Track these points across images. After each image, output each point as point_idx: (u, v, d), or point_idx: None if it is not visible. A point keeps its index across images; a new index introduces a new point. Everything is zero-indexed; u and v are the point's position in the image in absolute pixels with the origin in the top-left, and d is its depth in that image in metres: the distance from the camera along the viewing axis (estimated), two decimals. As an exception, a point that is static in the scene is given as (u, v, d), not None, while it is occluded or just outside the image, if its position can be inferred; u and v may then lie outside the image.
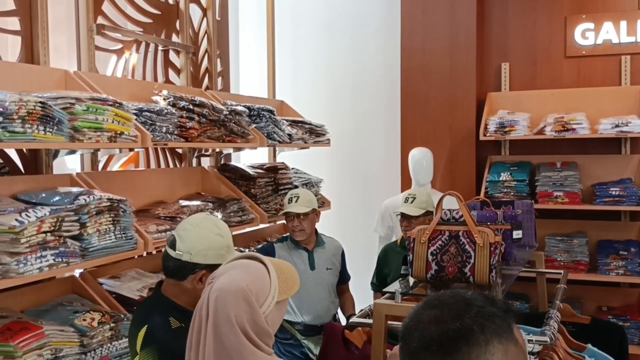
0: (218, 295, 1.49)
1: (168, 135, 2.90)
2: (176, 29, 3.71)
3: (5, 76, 2.41)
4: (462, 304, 1.03)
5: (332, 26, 5.33)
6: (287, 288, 1.59)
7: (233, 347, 1.44)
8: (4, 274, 2.04)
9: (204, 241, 1.96)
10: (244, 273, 1.55)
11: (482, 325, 0.99)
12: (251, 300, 1.48)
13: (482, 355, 0.98)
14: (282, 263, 1.68)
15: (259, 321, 1.48)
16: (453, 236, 2.17)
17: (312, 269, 3.31)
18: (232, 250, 2.03)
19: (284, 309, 1.62)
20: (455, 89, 4.68)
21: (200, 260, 1.94)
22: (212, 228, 1.99)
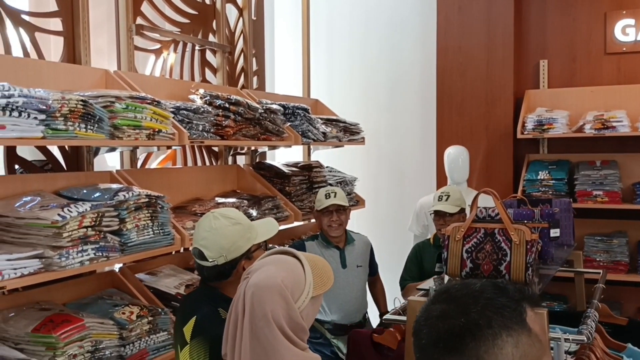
0: (254, 290, 1.50)
1: (204, 133, 2.94)
2: (213, 29, 3.76)
3: (49, 75, 2.48)
4: (469, 297, 1.01)
5: (368, 24, 5.32)
6: (322, 283, 1.60)
7: (269, 343, 1.46)
8: (47, 267, 2.10)
9: (227, 238, 1.97)
10: (279, 268, 1.57)
11: (489, 318, 0.97)
12: (287, 295, 1.49)
13: (490, 350, 0.95)
14: (315, 258, 1.68)
15: (294, 316, 1.49)
16: (489, 234, 2.15)
17: (343, 267, 3.32)
18: (252, 226, 2.05)
19: (318, 304, 1.63)
20: (492, 87, 4.62)
21: (235, 255, 1.98)
22: (226, 223, 2.00)
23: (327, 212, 3.30)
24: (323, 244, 3.36)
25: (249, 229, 2.03)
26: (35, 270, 2.06)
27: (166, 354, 2.58)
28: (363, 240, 3.53)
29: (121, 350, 2.39)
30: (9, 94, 1.90)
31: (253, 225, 2.08)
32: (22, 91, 1.95)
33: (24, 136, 1.96)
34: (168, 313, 2.65)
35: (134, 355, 2.44)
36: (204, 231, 2.00)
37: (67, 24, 2.69)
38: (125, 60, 2.98)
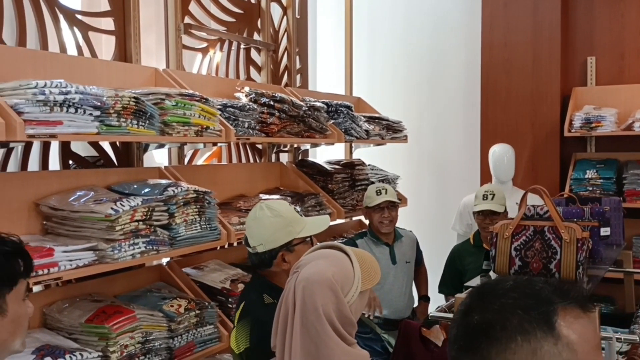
0: (305, 285, 1.51)
1: (250, 130, 2.98)
2: (257, 28, 3.81)
3: (102, 73, 2.55)
4: (494, 294, 0.93)
5: (410, 21, 5.29)
6: (370, 278, 1.59)
7: (319, 337, 1.46)
8: (100, 259, 2.16)
9: (267, 229, 2.05)
10: (329, 263, 1.57)
11: (504, 319, 0.88)
12: (337, 290, 1.49)
13: (502, 353, 0.87)
14: (363, 253, 1.68)
15: (344, 311, 1.49)
16: (538, 231, 2.12)
17: (393, 263, 3.35)
18: (298, 221, 2.09)
19: (366, 299, 1.62)
20: (539, 84, 4.54)
21: (274, 246, 2.05)
22: (268, 214, 2.07)
23: (378, 208, 3.32)
24: (373, 240, 3.38)
25: (291, 223, 2.08)
26: (90, 262, 2.13)
27: (213, 346, 2.63)
28: (409, 236, 3.55)
29: (170, 342, 2.45)
30: (66, 90, 1.96)
31: (299, 220, 2.11)
32: (79, 88, 2.01)
33: (80, 132, 2.02)
34: (214, 307, 2.69)
35: (181, 347, 2.49)
36: (250, 219, 2.12)
37: (118, 24, 2.76)
38: (173, 59, 3.04)
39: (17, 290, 1.21)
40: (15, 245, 1.22)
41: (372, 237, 3.38)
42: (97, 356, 2.14)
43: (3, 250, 1.19)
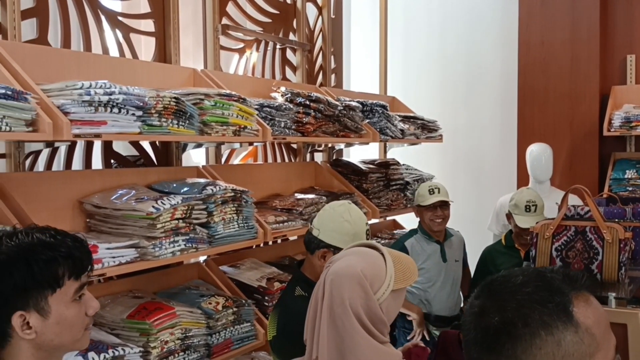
0: (333, 278, 1.52)
1: (286, 130, 3.00)
2: (293, 28, 3.83)
3: (142, 74, 2.60)
4: (508, 292, 0.93)
5: (446, 19, 5.25)
6: (404, 278, 1.58)
7: (345, 330, 1.46)
8: (142, 256, 2.21)
9: (332, 223, 2.13)
10: (360, 259, 1.57)
11: (525, 316, 0.89)
12: (365, 285, 1.49)
13: (528, 350, 0.88)
14: (398, 253, 1.68)
15: (373, 307, 1.48)
16: (579, 232, 2.09)
17: (444, 261, 3.36)
18: (358, 239, 2.08)
19: (401, 299, 1.61)
20: (577, 83, 4.46)
21: (325, 239, 2.12)
22: (344, 214, 2.14)
23: (431, 207, 3.31)
24: (424, 238, 3.37)
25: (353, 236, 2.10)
26: (132, 259, 2.17)
27: (250, 344, 2.65)
28: (458, 236, 3.55)
29: (208, 339, 2.48)
30: (110, 91, 2.00)
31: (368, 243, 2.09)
32: (122, 88, 2.05)
33: (123, 132, 2.06)
34: (251, 305, 2.71)
35: (219, 344, 2.52)
36: (328, 206, 2.22)
37: (158, 25, 2.81)
38: (211, 59, 3.07)
39: (63, 292, 1.22)
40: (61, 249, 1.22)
41: (424, 234, 3.38)
42: (138, 351, 2.17)
43: (45, 254, 1.20)
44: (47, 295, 1.21)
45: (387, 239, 4.13)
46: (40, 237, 1.22)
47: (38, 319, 1.21)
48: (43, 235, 1.23)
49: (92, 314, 1.29)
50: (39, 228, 1.27)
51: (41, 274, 1.19)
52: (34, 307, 1.21)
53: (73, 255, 1.23)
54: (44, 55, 2.23)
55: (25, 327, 1.21)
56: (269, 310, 2.82)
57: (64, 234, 1.27)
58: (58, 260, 1.21)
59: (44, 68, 2.19)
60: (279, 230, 2.90)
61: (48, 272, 1.20)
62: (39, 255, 1.20)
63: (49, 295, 1.21)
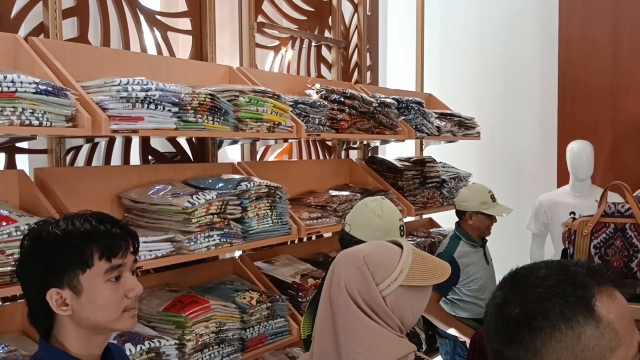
0: (337, 260, 1.50)
1: (320, 126, 3.00)
2: (328, 25, 3.83)
3: (179, 71, 2.64)
4: (530, 284, 0.93)
5: (484, 14, 5.17)
6: (421, 277, 1.48)
7: (340, 310, 1.42)
8: (177, 250, 2.24)
9: (363, 218, 2.15)
10: (370, 247, 1.53)
11: (545, 309, 0.90)
12: (365, 271, 1.43)
13: (547, 343, 0.89)
14: (430, 256, 1.60)
15: (374, 295, 1.42)
16: (619, 229, 2.04)
17: (487, 264, 3.37)
18: (391, 235, 2.07)
19: (419, 299, 1.50)
20: (619, 79, 4.34)
21: (356, 234, 2.13)
22: (376, 209, 2.15)
23: (491, 216, 3.33)
24: (469, 244, 3.33)
25: (384, 231, 2.10)
26: (168, 252, 2.21)
27: (283, 339, 2.67)
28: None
29: (242, 333, 2.50)
30: (147, 87, 2.04)
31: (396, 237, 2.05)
32: (158, 85, 2.09)
33: (159, 127, 2.10)
34: (285, 300, 2.73)
35: (253, 339, 2.54)
36: (362, 201, 2.24)
37: (195, 24, 2.85)
38: (247, 57, 3.10)
39: (95, 273, 1.28)
40: (94, 234, 1.28)
41: (468, 240, 3.33)
42: (174, 344, 2.21)
43: (77, 239, 1.27)
44: (79, 274, 1.27)
45: (423, 237, 4.10)
46: (76, 222, 1.29)
47: (72, 296, 1.28)
48: (80, 221, 1.29)
49: (132, 296, 1.32)
50: (81, 215, 1.32)
51: (69, 254, 1.26)
52: (67, 285, 1.27)
53: (103, 238, 1.28)
54: (84, 53, 2.29)
55: (62, 304, 1.28)
56: (302, 306, 2.83)
57: (104, 220, 1.31)
58: (87, 242, 1.27)
59: (84, 66, 2.25)
60: (313, 226, 2.91)
61: (76, 253, 1.26)
62: (70, 239, 1.27)
63: (80, 274, 1.27)
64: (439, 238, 4.14)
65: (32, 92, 1.75)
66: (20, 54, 2.03)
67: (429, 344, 3.76)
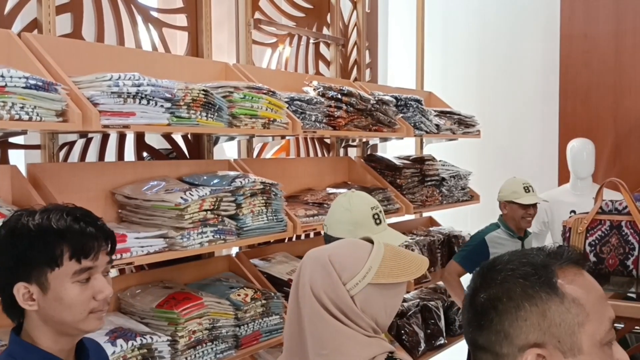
0: (303, 261, 1.47)
1: (317, 123, 2.99)
2: (327, 22, 3.82)
3: (174, 68, 2.63)
4: (494, 270, 0.97)
5: (486, 11, 5.15)
6: (392, 274, 1.43)
7: (306, 312, 1.39)
8: (170, 246, 2.24)
9: (334, 215, 2.16)
10: (337, 246, 1.51)
11: (508, 290, 0.93)
12: (329, 269, 1.40)
13: (514, 323, 0.92)
14: (407, 252, 1.54)
15: (342, 295, 1.38)
16: (615, 226, 2.02)
17: None
18: (365, 226, 2.07)
19: (390, 297, 1.45)
20: (621, 77, 4.32)
21: (332, 233, 2.12)
22: (344, 203, 2.14)
23: (523, 205, 3.36)
24: (507, 233, 3.42)
25: (356, 224, 2.08)
26: (160, 249, 2.20)
27: (278, 336, 2.66)
28: (533, 234, 3.65)
29: (236, 330, 2.49)
30: (138, 83, 2.03)
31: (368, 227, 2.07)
32: (150, 80, 2.08)
33: (151, 123, 2.09)
34: (280, 298, 2.72)
35: (248, 336, 2.53)
36: (335, 200, 2.22)
37: (191, 20, 2.84)
38: (243, 54, 3.09)
39: (63, 272, 1.26)
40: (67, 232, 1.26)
41: (507, 229, 3.42)
42: (166, 340, 2.21)
43: (50, 236, 1.25)
44: (47, 272, 1.26)
45: (423, 235, 4.08)
46: (52, 218, 1.27)
47: (39, 292, 1.27)
48: (56, 217, 1.28)
49: (100, 298, 1.31)
50: (59, 209, 1.31)
51: (39, 251, 1.25)
52: (35, 280, 1.27)
53: (76, 238, 1.26)
54: (77, 48, 2.28)
55: (28, 298, 1.27)
56: (289, 291, 2.83)
57: (79, 218, 1.30)
58: (58, 241, 1.25)
59: (77, 61, 2.24)
60: (309, 224, 2.90)
61: (46, 250, 1.25)
62: (43, 235, 1.25)
63: (48, 272, 1.26)
64: (438, 237, 4.12)
65: (22, 86, 1.74)
66: (13, 49, 2.03)
67: (428, 342, 3.75)
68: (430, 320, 3.86)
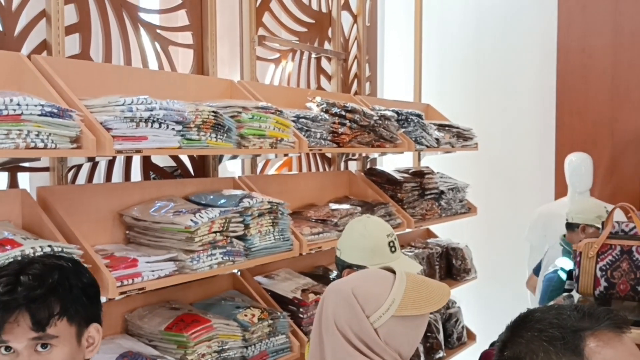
0: (326, 294, 1.47)
1: (322, 140, 2.99)
2: (328, 37, 3.82)
3: (180, 86, 2.62)
4: (524, 327, 0.96)
5: (483, 25, 5.19)
6: (415, 305, 1.43)
7: (330, 346, 1.40)
8: (180, 269, 2.22)
9: (349, 240, 2.13)
10: (359, 278, 1.51)
11: (532, 351, 0.93)
12: (354, 304, 1.40)
13: None
14: (430, 281, 1.55)
15: (365, 328, 1.39)
16: (625, 251, 2.04)
17: None
18: (380, 253, 2.06)
19: (414, 328, 1.45)
20: (619, 90, 4.36)
21: (346, 258, 2.09)
22: (360, 229, 2.12)
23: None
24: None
25: (372, 251, 2.07)
26: (170, 272, 2.18)
27: (284, 356, 2.65)
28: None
29: (244, 352, 2.48)
30: (151, 107, 2.02)
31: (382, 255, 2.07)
32: (162, 104, 2.07)
33: (163, 146, 2.08)
34: (286, 317, 2.71)
35: (255, 357, 2.52)
36: (349, 224, 2.20)
37: (196, 37, 2.83)
38: (247, 70, 3.08)
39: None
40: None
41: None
42: (176, 364, 2.19)
43: None
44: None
45: (421, 247, 4.09)
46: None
47: None
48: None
49: None
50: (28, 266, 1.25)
51: None
52: None
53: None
54: (87, 69, 2.26)
55: None
56: (303, 322, 2.82)
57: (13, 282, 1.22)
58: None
59: (87, 82, 2.22)
60: (315, 242, 2.90)
61: None
62: None
63: None
64: (437, 249, 4.14)
65: (37, 114, 1.72)
66: (24, 72, 2.00)
67: (427, 356, 3.76)
68: (429, 333, 3.87)
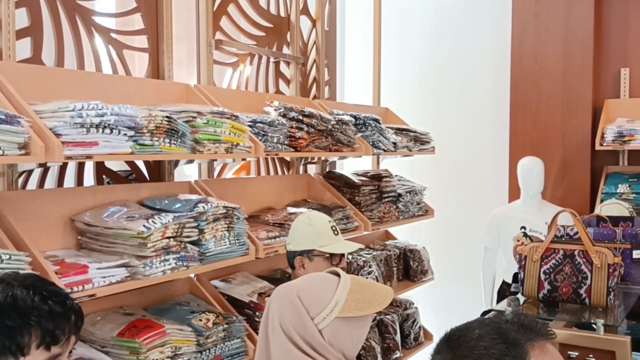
0: (272, 296, 1.51)
1: (279, 145, 3.01)
2: (287, 41, 3.84)
3: (135, 91, 2.61)
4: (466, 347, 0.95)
5: (440, 32, 5.28)
6: (358, 307, 1.47)
7: (276, 348, 1.43)
8: (132, 275, 2.21)
9: (297, 231, 2.40)
10: (304, 281, 1.54)
11: None
12: (298, 305, 1.44)
13: None
14: (374, 284, 1.60)
15: (310, 330, 1.42)
16: (568, 255, 2.11)
17: None
18: (324, 236, 2.35)
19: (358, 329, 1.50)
20: (569, 96, 4.49)
21: (297, 248, 2.36)
22: (304, 219, 2.41)
23: None
24: None
25: (318, 235, 2.35)
26: (122, 278, 2.17)
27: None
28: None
29: (198, 357, 2.48)
30: (102, 112, 2.01)
31: (328, 237, 2.37)
32: (114, 109, 2.05)
33: (114, 152, 2.07)
34: (242, 321, 2.72)
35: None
36: (294, 221, 2.47)
37: (152, 41, 2.81)
38: (204, 74, 3.08)
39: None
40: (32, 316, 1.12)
41: None
42: (128, 370, 2.18)
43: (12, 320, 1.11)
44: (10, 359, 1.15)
45: (380, 249, 4.14)
46: (16, 296, 1.14)
47: None
48: (23, 292, 1.15)
49: None
50: (26, 281, 1.18)
51: (3, 339, 1.12)
52: None
53: (44, 325, 1.14)
54: (38, 74, 2.23)
55: None
56: (259, 326, 2.83)
57: (48, 295, 1.17)
58: (25, 328, 1.12)
59: (38, 87, 2.19)
60: (271, 245, 2.91)
61: (11, 339, 1.11)
62: (5, 319, 1.12)
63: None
64: (395, 251, 4.20)
65: (-17, 120, 1.70)
66: (-30, 77, 1.97)
67: (385, 356, 3.81)
68: (386, 334, 3.92)
